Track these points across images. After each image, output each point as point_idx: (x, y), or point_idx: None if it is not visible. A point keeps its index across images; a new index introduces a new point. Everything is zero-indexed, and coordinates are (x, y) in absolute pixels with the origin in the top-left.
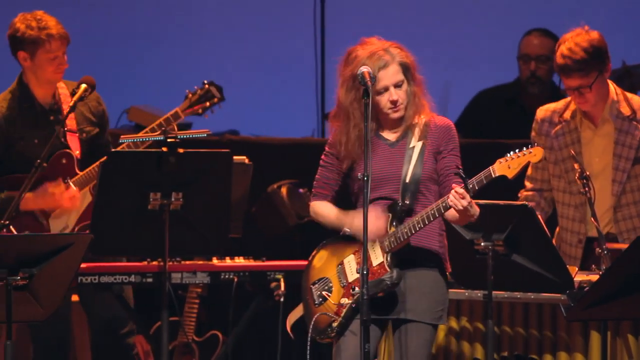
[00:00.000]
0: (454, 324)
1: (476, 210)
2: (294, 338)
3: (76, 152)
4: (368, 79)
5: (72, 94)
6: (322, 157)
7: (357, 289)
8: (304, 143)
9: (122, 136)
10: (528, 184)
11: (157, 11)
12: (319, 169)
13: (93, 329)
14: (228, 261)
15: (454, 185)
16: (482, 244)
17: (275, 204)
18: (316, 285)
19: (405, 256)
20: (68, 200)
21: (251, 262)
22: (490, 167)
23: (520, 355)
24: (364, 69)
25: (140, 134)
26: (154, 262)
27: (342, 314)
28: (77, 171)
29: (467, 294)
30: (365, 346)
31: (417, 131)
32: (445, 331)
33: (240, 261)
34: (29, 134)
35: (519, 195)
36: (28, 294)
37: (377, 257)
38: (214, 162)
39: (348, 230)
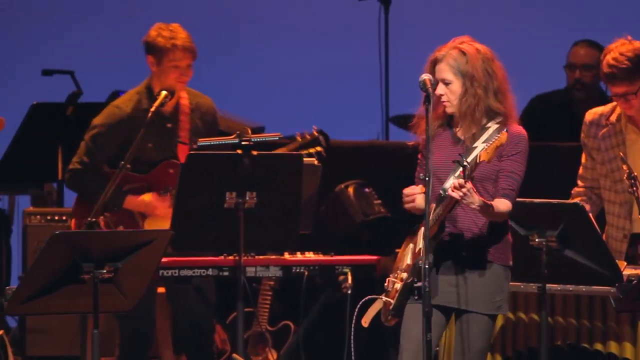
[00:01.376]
0: (510, 314)
1: (475, 199)
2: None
3: None
4: (429, 86)
5: (153, 100)
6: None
7: (404, 274)
8: (370, 145)
9: (199, 139)
10: (580, 183)
11: (229, 21)
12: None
13: (176, 321)
14: (299, 256)
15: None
16: (537, 240)
17: (343, 203)
18: (390, 276)
19: (466, 250)
20: (165, 212)
21: (320, 257)
22: (477, 155)
23: (573, 344)
24: (425, 76)
25: (216, 138)
26: (230, 257)
27: (395, 298)
28: None
29: (522, 286)
30: (427, 335)
31: (485, 134)
32: (502, 321)
33: (310, 256)
34: (144, 136)
35: (572, 192)
36: (113, 286)
37: (419, 243)
38: (286, 163)
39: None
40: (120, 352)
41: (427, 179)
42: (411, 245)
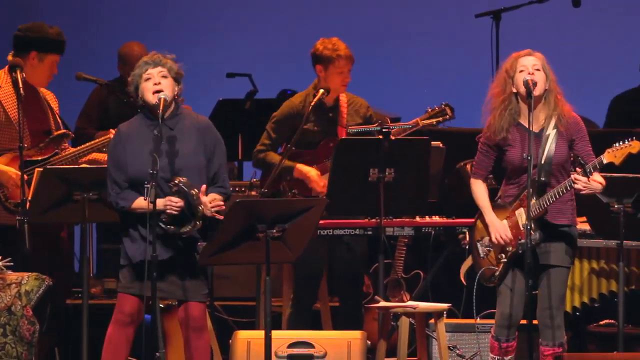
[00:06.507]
0: (594, 265)
1: (597, 186)
2: (466, 284)
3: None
4: (531, 85)
5: (313, 96)
6: None
7: (510, 248)
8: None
9: (349, 127)
10: None
11: (372, 38)
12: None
13: (331, 269)
14: (427, 219)
15: (577, 169)
16: (616, 206)
17: (462, 177)
18: (480, 242)
19: (549, 217)
20: (320, 187)
21: (444, 220)
22: (601, 156)
23: None
24: (528, 77)
25: (363, 125)
26: (373, 220)
27: (501, 267)
28: None
29: (605, 243)
30: (529, 282)
31: (553, 121)
32: (588, 270)
33: (436, 219)
34: (312, 122)
35: None
36: (281, 242)
37: (523, 221)
38: (417, 146)
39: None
40: (295, 293)
41: (529, 158)
42: (506, 221)
